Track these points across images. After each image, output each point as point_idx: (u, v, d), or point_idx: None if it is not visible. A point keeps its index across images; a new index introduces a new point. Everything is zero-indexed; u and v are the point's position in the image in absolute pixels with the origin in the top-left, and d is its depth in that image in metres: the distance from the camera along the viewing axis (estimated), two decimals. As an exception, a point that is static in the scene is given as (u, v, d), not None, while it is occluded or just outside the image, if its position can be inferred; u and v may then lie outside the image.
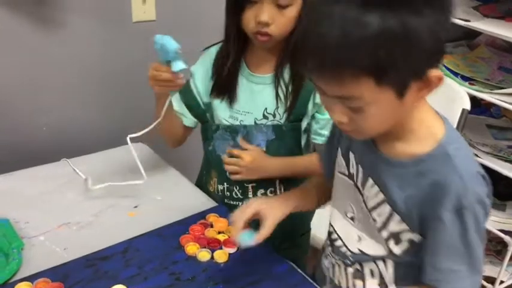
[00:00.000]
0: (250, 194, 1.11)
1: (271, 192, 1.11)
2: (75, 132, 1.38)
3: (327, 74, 0.63)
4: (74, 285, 0.85)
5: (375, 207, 0.76)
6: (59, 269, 0.89)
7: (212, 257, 0.93)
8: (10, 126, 1.28)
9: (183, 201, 1.11)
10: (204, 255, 0.93)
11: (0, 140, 1.27)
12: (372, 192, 0.76)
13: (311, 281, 0.90)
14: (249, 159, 1.05)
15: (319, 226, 1.19)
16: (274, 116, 1.05)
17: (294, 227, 1.15)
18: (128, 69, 1.37)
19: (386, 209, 0.74)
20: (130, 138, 1.04)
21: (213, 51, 1.09)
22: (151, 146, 1.29)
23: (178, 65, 0.91)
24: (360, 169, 0.78)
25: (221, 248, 0.95)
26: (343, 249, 0.83)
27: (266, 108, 1.05)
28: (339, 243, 0.84)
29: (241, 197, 1.12)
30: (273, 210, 0.85)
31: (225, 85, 1.07)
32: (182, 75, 0.95)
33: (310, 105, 1.05)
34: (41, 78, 1.28)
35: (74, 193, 1.12)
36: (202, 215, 1.05)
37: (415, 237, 0.73)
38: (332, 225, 0.87)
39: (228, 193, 1.12)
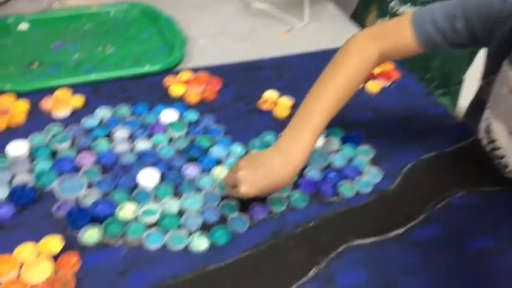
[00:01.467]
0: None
1: None
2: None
3: None
4: (231, 83, 0.89)
5: None
6: (218, 68, 0.92)
7: (364, 87, 0.91)
8: None
9: (336, 33, 1.07)
10: (356, 83, 0.92)
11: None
12: None
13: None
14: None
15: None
16: None
17: (450, 76, 1.09)
18: None
19: None
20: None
21: None
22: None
23: None
24: None
25: (374, 80, 0.92)
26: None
27: None
28: (505, 160, 0.73)
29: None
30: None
31: None
32: None
33: None
34: None
35: (233, 7, 1.15)
36: (357, 47, 1.01)
37: None
38: (493, 139, 0.74)
39: None
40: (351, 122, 0.82)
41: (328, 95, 0.68)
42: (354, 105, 0.86)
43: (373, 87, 0.91)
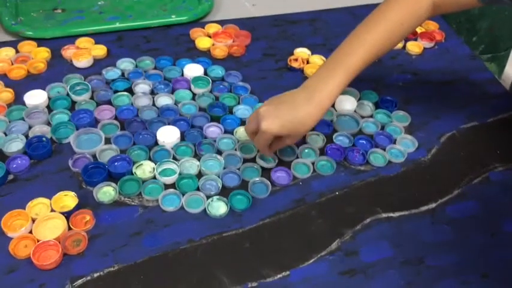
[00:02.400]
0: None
1: None
2: None
3: None
4: (260, 38, 0.84)
5: None
6: (247, 21, 0.87)
7: (404, 47, 0.84)
8: None
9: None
10: (395, 43, 0.85)
11: None
12: None
13: None
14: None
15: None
16: None
17: (498, 40, 1.01)
18: None
19: None
20: None
21: None
22: None
23: None
24: None
25: (416, 40, 0.85)
26: None
27: None
28: None
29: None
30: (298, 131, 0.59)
31: None
32: None
33: None
34: None
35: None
36: (399, 4, 0.94)
37: None
38: None
39: None
40: (387, 85, 0.77)
41: (371, 36, 0.62)
42: (392, 67, 0.81)
43: (414, 47, 0.84)
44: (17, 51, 0.76)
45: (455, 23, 1.00)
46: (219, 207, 0.58)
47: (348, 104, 0.71)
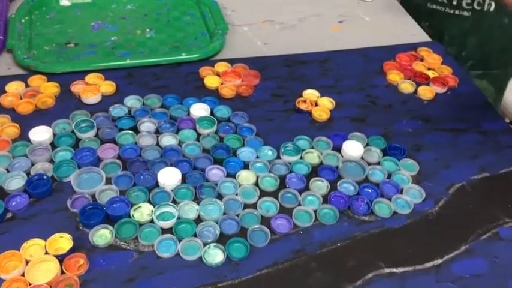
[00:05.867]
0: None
1: None
2: None
3: None
4: (270, 78, 0.84)
5: None
6: (258, 60, 0.87)
7: (415, 92, 0.83)
8: None
9: (394, 28, 0.99)
10: (406, 87, 0.83)
11: None
12: None
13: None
14: None
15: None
16: None
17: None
18: None
19: None
20: None
21: None
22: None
23: None
24: None
25: (428, 85, 0.84)
26: None
27: None
28: None
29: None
30: None
31: None
32: None
33: None
34: None
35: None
36: (412, 46, 0.93)
37: None
38: None
39: None
40: (396, 131, 0.75)
41: None
42: (402, 112, 0.79)
43: (426, 92, 0.82)
44: (27, 85, 0.77)
45: (449, 35, 1.01)
46: (215, 255, 0.57)
47: (354, 149, 0.70)
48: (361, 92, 0.82)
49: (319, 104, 0.79)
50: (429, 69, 0.88)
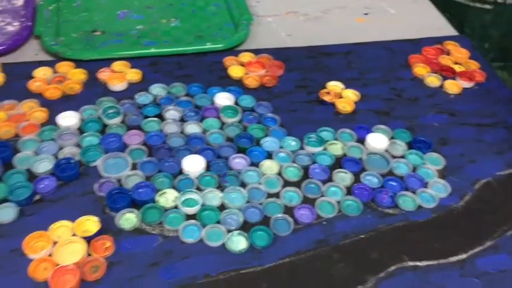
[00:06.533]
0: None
1: None
2: None
3: None
4: (294, 69, 0.83)
5: None
6: (282, 51, 0.87)
7: (441, 86, 0.82)
8: None
9: (419, 21, 0.98)
10: (432, 81, 0.83)
11: None
12: None
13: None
14: None
15: None
16: None
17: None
18: None
19: None
20: None
21: None
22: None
23: None
24: None
25: (454, 79, 0.83)
26: None
27: None
28: None
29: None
30: None
31: None
32: None
33: None
34: None
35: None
36: (439, 40, 0.92)
37: None
38: None
39: None
40: (422, 125, 0.74)
41: None
42: (428, 106, 0.78)
43: (453, 87, 0.81)
44: (55, 71, 0.78)
45: (469, 28, 1.02)
46: (238, 243, 0.57)
47: (379, 142, 0.70)
48: (386, 85, 0.82)
49: (343, 96, 0.78)
50: (456, 63, 0.87)
